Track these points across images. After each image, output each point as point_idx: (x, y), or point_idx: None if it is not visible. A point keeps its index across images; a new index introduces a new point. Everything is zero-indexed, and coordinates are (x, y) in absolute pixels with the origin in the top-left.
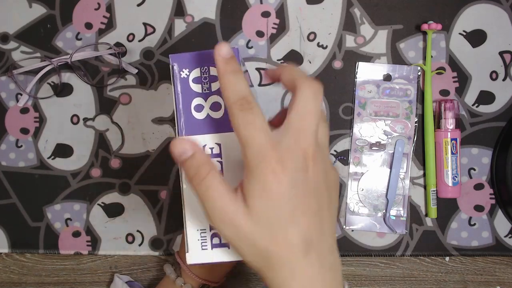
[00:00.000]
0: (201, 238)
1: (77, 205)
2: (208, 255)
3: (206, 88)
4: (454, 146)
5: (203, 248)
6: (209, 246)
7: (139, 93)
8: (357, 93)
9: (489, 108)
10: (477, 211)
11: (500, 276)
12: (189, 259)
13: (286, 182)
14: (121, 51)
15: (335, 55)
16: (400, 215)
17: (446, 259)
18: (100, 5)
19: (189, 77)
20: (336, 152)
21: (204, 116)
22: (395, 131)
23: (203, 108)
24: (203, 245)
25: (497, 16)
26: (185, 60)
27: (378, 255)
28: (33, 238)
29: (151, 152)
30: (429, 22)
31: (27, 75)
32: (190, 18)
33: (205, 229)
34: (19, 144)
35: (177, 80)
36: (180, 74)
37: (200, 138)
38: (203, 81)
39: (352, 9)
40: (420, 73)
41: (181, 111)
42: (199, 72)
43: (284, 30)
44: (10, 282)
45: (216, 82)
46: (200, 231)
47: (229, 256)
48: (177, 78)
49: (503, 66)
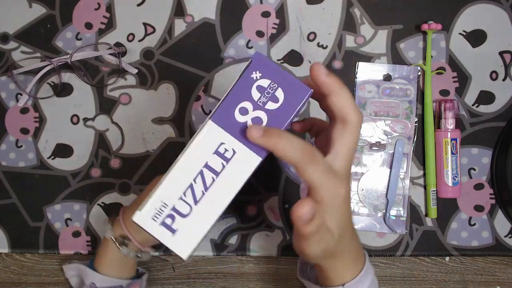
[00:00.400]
0: (159, 209)
1: (77, 205)
2: (153, 226)
3: (262, 101)
4: (454, 146)
5: (153, 218)
6: (159, 221)
7: (139, 93)
8: (357, 93)
9: (489, 108)
10: (477, 211)
11: (500, 276)
12: (136, 217)
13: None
14: (121, 51)
15: (335, 55)
16: (400, 215)
17: (446, 259)
18: (100, 5)
19: (256, 82)
20: None
21: (241, 121)
22: (395, 131)
23: (246, 114)
24: (155, 215)
25: (497, 16)
26: (264, 66)
27: (378, 255)
28: (33, 238)
29: (151, 152)
30: (429, 22)
31: (27, 75)
32: (190, 18)
33: (168, 205)
34: (19, 144)
35: (245, 76)
36: (251, 73)
37: (224, 135)
38: (264, 94)
39: (352, 9)
40: (420, 73)
41: (226, 102)
42: (267, 84)
43: (284, 30)
44: (10, 282)
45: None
46: (163, 203)
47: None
48: (247, 75)
49: (503, 66)
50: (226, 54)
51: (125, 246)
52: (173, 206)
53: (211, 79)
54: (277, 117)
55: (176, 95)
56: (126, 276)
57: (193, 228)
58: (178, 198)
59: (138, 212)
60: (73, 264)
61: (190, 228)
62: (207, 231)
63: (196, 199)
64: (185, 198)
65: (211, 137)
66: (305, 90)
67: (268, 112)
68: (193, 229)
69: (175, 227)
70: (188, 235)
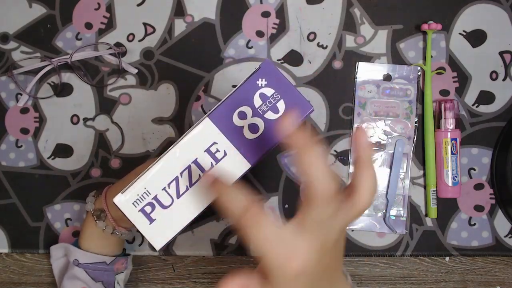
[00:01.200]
0: (141, 196)
1: (77, 205)
2: (132, 211)
3: (263, 110)
4: (454, 146)
5: (134, 204)
6: (139, 207)
7: (139, 93)
8: (357, 93)
9: (489, 108)
10: (477, 211)
11: (500, 276)
12: (117, 199)
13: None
14: (121, 51)
15: (335, 55)
16: (400, 215)
17: (446, 259)
18: (100, 5)
19: (260, 89)
20: (336, 152)
21: (238, 125)
22: (395, 131)
23: (245, 119)
24: (136, 201)
25: (497, 16)
26: (272, 74)
27: (378, 255)
28: (33, 238)
29: (151, 152)
30: (429, 22)
31: (27, 75)
32: (190, 18)
33: (150, 194)
34: (19, 144)
35: (251, 81)
36: (257, 80)
37: (218, 135)
38: (266, 102)
39: (352, 9)
40: (420, 73)
41: (227, 103)
42: (271, 94)
43: (284, 30)
44: (10, 282)
45: (273, 113)
46: (146, 191)
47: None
48: (253, 80)
49: (503, 66)
50: (226, 54)
51: (102, 220)
52: (156, 195)
53: (211, 79)
54: (274, 129)
55: (176, 95)
56: (109, 253)
57: (171, 221)
58: (162, 189)
59: (120, 194)
60: (59, 244)
61: (168, 220)
62: (184, 227)
63: (179, 192)
64: (169, 190)
65: (206, 134)
66: (307, 106)
67: (266, 121)
68: (171, 222)
69: (154, 216)
70: (165, 227)
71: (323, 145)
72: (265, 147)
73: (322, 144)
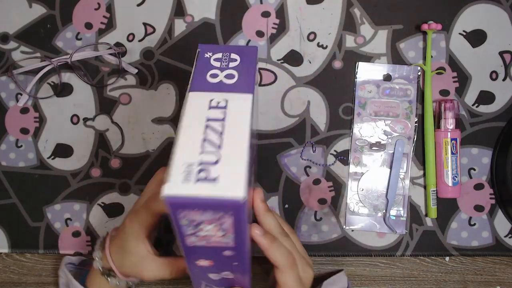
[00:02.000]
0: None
1: (77, 205)
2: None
3: (225, 64)
4: (454, 146)
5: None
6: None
7: (139, 93)
8: (357, 93)
9: (489, 108)
10: (477, 211)
11: (500, 276)
12: (166, 190)
13: None
14: (121, 51)
15: (335, 55)
16: (400, 215)
17: (446, 259)
18: (100, 5)
19: (211, 57)
20: (336, 152)
21: (218, 81)
22: (395, 131)
23: (218, 76)
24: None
25: (497, 16)
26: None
27: (378, 255)
28: (33, 238)
29: (151, 152)
30: (429, 22)
31: (27, 75)
32: (190, 18)
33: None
34: (19, 144)
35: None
36: (204, 55)
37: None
38: (222, 60)
39: (352, 9)
40: (420, 73)
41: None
42: (221, 55)
43: (284, 30)
44: (10, 282)
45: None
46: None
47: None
48: (200, 57)
49: (503, 66)
50: None
51: (113, 277)
52: (200, 160)
53: None
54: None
55: (176, 95)
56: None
57: (232, 166)
58: (200, 153)
59: (166, 184)
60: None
61: (229, 167)
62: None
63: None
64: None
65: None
66: (252, 48)
67: (235, 68)
68: (233, 167)
69: (213, 175)
70: (232, 173)
71: None
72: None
73: None
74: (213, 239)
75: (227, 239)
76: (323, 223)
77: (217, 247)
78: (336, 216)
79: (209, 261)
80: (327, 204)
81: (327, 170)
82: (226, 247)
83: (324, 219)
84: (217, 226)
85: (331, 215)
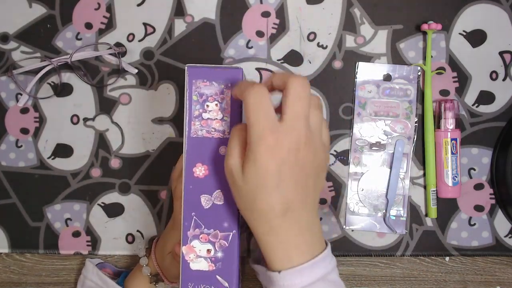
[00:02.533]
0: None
1: (77, 205)
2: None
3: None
4: (454, 146)
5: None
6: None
7: (139, 93)
8: (357, 93)
9: (489, 108)
10: (477, 211)
11: (500, 276)
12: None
13: (277, 159)
14: (121, 51)
15: (335, 55)
16: (400, 215)
17: (446, 259)
18: (100, 5)
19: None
20: (336, 152)
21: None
22: (395, 131)
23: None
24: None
25: (497, 16)
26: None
27: (378, 255)
28: (33, 238)
29: (151, 152)
30: (429, 22)
31: (27, 75)
32: (190, 18)
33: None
34: (19, 144)
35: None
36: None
37: None
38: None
39: (352, 9)
40: (420, 73)
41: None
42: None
43: (284, 30)
44: (10, 282)
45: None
46: None
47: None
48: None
49: (503, 66)
50: (226, 54)
51: (161, 281)
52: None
53: None
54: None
55: (176, 95)
56: None
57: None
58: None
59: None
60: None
61: None
62: None
63: None
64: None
65: None
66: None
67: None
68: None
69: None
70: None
71: None
72: None
73: None
74: (213, 124)
75: (224, 126)
76: (323, 223)
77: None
78: (336, 216)
79: (205, 167)
80: (327, 204)
81: (327, 170)
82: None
83: (324, 219)
84: (218, 105)
85: (331, 215)
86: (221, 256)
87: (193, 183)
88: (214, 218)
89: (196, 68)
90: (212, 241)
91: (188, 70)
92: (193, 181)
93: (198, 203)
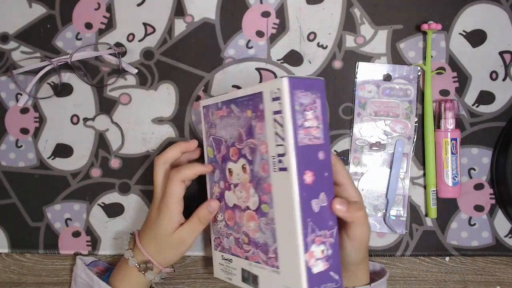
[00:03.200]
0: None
1: (77, 205)
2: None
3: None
4: (454, 146)
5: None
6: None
7: (139, 93)
8: (357, 93)
9: (489, 108)
10: (477, 211)
11: (500, 276)
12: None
13: None
14: (121, 51)
15: (335, 55)
16: (400, 215)
17: (446, 259)
18: (100, 5)
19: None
20: (336, 152)
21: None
22: (395, 131)
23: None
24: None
25: (497, 16)
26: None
27: (378, 255)
28: (33, 238)
29: (151, 152)
30: (429, 22)
31: (27, 75)
32: (190, 18)
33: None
34: (19, 144)
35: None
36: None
37: None
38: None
39: (352, 9)
40: (420, 73)
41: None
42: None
43: (284, 30)
44: (10, 282)
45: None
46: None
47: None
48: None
49: (503, 66)
50: (226, 54)
51: (150, 270)
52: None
53: (211, 79)
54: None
55: (176, 95)
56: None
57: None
58: None
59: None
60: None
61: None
62: None
63: None
64: None
65: None
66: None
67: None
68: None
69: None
70: None
71: None
72: None
73: None
74: (312, 132)
75: (319, 133)
76: None
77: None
78: None
79: (311, 173)
80: None
81: None
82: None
83: None
84: (313, 113)
85: None
86: (331, 253)
87: (305, 190)
88: (323, 219)
89: (295, 78)
90: (323, 241)
91: (289, 81)
92: (305, 188)
93: (310, 209)
